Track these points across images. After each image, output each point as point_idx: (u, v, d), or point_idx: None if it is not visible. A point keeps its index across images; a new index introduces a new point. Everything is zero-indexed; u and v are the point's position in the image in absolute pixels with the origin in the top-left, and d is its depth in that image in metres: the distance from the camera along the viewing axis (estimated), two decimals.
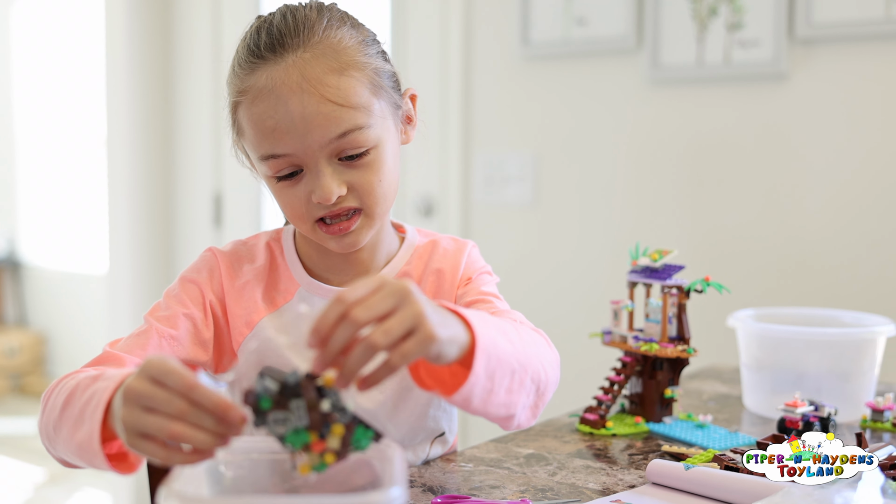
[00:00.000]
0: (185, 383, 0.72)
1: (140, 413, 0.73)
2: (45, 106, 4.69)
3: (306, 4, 1.06)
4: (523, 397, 0.90)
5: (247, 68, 1.02)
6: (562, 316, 2.44)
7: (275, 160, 1.01)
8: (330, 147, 1.00)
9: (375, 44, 1.07)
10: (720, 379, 1.68)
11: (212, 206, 3.20)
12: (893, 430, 1.33)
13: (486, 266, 1.19)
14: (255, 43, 1.01)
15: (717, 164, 2.24)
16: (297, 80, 0.98)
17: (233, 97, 1.04)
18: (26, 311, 4.88)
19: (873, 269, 2.06)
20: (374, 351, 0.73)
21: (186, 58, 3.25)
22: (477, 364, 0.81)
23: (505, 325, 0.91)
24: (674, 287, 1.33)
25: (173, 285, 1.11)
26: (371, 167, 1.03)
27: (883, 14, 1.99)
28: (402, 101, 1.09)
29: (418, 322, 0.74)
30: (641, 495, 1.02)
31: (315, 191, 1.01)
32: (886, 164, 2.04)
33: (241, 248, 1.15)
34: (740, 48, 2.16)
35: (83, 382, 0.89)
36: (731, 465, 1.06)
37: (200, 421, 0.71)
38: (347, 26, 1.04)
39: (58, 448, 0.93)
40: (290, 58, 0.99)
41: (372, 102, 1.02)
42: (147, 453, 0.74)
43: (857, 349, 1.38)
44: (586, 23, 2.37)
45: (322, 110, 0.98)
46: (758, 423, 1.37)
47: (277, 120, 0.99)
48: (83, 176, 4.50)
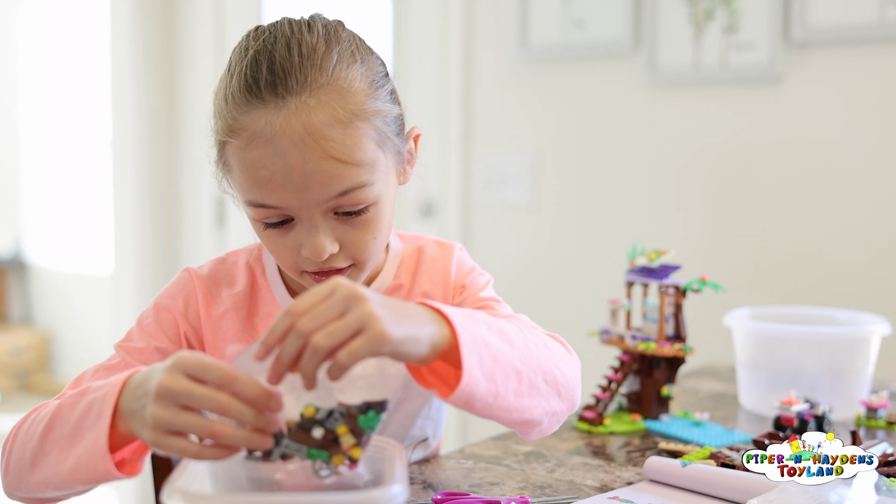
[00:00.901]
0: (227, 375, 0.71)
1: (176, 411, 0.71)
2: (50, 108, 4.69)
3: (311, 27, 0.92)
4: (540, 401, 0.86)
5: (242, 105, 0.89)
6: (560, 315, 2.44)
7: (264, 209, 0.91)
8: (328, 204, 0.90)
9: (385, 81, 0.95)
10: (716, 377, 1.67)
11: (215, 207, 3.20)
12: (887, 427, 1.33)
13: (476, 266, 1.13)
14: (253, 76, 0.88)
15: (713, 165, 2.24)
16: (300, 131, 0.87)
17: (222, 134, 0.91)
18: (32, 311, 4.88)
19: (868, 269, 2.05)
20: (320, 354, 0.70)
21: (190, 60, 3.25)
22: (467, 362, 0.77)
23: (504, 325, 0.86)
24: (671, 286, 1.33)
25: (147, 311, 1.03)
26: (367, 225, 0.93)
27: (877, 18, 1.99)
28: (405, 146, 0.99)
29: (366, 322, 0.71)
30: (639, 492, 1.02)
31: (306, 246, 0.92)
32: (881, 165, 2.04)
33: (220, 270, 1.06)
34: (736, 51, 2.16)
35: (67, 402, 0.84)
36: (728, 462, 1.05)
37: (242, 415, 0.70)
38: (357, 63, 0.92)
39: (33, 482, 0.86)
40: (292, 103, 0.87)
41: (377, 157, 0.92)
42: (175, 450, 0.72)
43: (851, 348, 1.38)
44: (584, 26, 2.37)
45: (324, 167, 0.88)
46: (754, 421, 1.37)
47: (273, 172, 0.88)
48: (88, 178, 4.50)
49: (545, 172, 2.49)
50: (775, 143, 2.16)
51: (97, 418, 0.79)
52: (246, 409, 0.71)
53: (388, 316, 0.73)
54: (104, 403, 0.79)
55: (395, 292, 1.07)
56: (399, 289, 1.07)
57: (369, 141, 0.91)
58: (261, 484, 0.83)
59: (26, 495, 0.88)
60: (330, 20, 0.95)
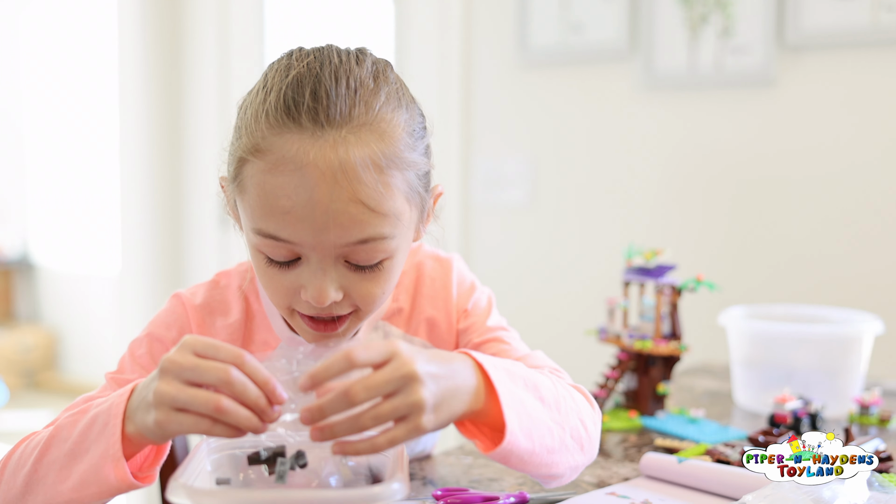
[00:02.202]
0: (237, 354, 0.70)
1: (181, 386, 0.69)
2: (56, 109, 4.69)
3: (360, 61, 0.85)
4: (567, 457, 0.84)
5: (275, 126, 0.81)
6: (558, 314, 2.44)
7: (273, 242, 0.82)
8: (343, 249, 0.82)
9: (423, 133, 0.89)
10: (712, 375, 1.67)
11: (219, 208, 3.20)
12: (880, 424, 1.33)
13: (474, 282, 1.07)
14: (293, 98, 0.80)
15: (708, 166, 2.24)
16: (333, 166, 0.79)
17: (244, 152, 0.83)
18: (40, 310, 4.88)
19: (861, 268, 2.05)
20: (361, 430, 0.70)
21: (195, 63, 3.25)
22: (509, 422, 0.76)
23: (538, 380, 0.83)
24: (667, 286, 1.33)
25: (140, 340, 0.97)
26: (377, 279, 0.86)
27: (869, 22, 1.99)
28: (428, 202, 0.91)
29: (412, 411, 0.70)
30: (636, 487, 1.02)
31: (309, 289, 0.84)
32: (874, 167, 2.04)
33: (214, 297, 0.99)
34: (731, 55, 2.16)
35: (65, 423, 0.81)
36: (723, 458, 1.05)
37: (246, 395, 0.69)
38: (402, 109, 0.85)
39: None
40: (331, 135, 0.79)
41: (403, 210, 0.84)
42: (179, 428, 0.70)
43: (844, 346, 1.38)
44: (582, 30, 2.37)
45: (349, 209, 0.80)
46: (748, 418, 1.37)
47: (295, 203, 0.79)
48: (94, 179, 4.50)
49: (544, 173, 2.49)
50: (769, 145, 2.16)
51: (104, 427, 0.77)
52: (251, 385, 0.70)
53: (435, 397, 0.72)
54: (111, 413, 0.77)
55: (394, 317, 1.03)
56: (399, 313, 1.03)
57: (400, 192, 0.83)
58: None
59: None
60: (378, 57, 0.89)
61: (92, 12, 4.36)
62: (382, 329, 1.02)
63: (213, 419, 0.69)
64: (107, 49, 3.93)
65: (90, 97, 4.46)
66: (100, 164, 4.43)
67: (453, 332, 1.03)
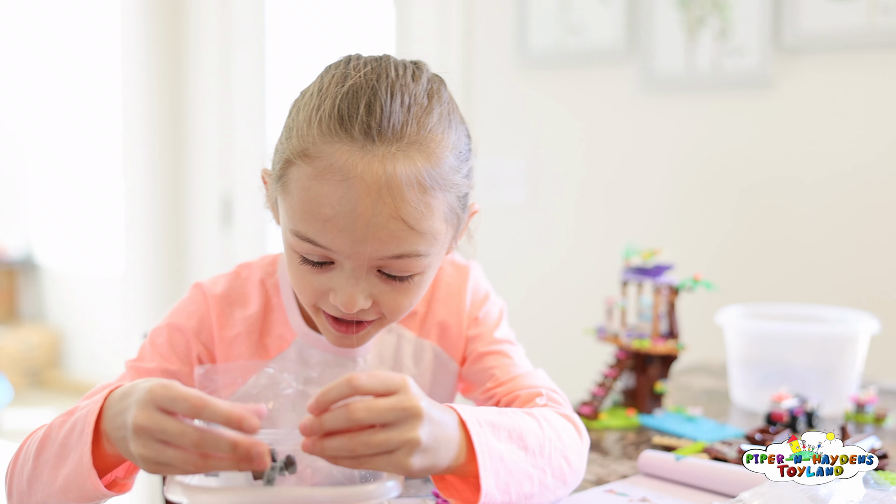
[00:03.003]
0: (194, 406, 0.68)
1: (158, 447, 0.69)
2: (59, 110, 4.69)
3: (416, 76, 0.86)
4: (547, 495, 0.84)
5: (326, 134, 0.81)
6: (557, 313, 2.44)
7: (310, 245, 0.83)
8: (377, 262, 0.83)
9: (469, 156, 0.89)
10: (709, 373, 1.67)
11: (222, 208, 3.19)
12: (875, 422, 1.33)
13: (489, 293, 1.08)
14: (347, 110, 0.81)
15: (705, 167, 2.24)
16: (379, 181, 0.79)
17: (292, 154, 0.83)
18: (43, 310, 4.88)
19: (857, 268, 2.05)
20: (350, 454, 0.70)
21: (197, 65, 3.24)
22: (484, 483, 0.76)
23: (524, 427, 0.83)
24: (664, 285, 1.33)
25: (160, 329, 0.97)
26: (407, 291, 0.87)
27: (865, 24, 1.99)
28: (464, 221, 0.91)
29: (405, 447, 0.70)
30: (634, 485, 1.02)
31: (339, 294, 0.84)
32: (869, 167, 2.04)
33: (234, 288, 1.00)
34: (728, 57, 2.16)
35: (56, 423, 0.82)
36: (720, 456, 1.05)
37: (218, 448, 0.68)
38: (452, 130, 0.86)
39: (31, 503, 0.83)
40: (380, 150, 0.80)
41: (440, 230, 0.85)
42: (174, 473, 0.70)
43: (840, 345, 1.38)
44: (581, 32, 2.37)
45: (390, 226, 0.80)
46: (745, 416, 1.37)
47: (337, 213, 0.80)
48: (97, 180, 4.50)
49: (542, 174, 2.49)
50: (766, 146, 2.16)
51: (80, 436, 0.77)
52: (220, 439, 0.68)
53: (429, 440, 0.72)
54: (86, 421, 0.77)
55: (408, 320, 1.03)
56: (413, 316, 1.03)
57: (440, 213, 0.84)
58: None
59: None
60: (434, 74, 0.90)
61: (95, 14, 4.36)
62: (396, 332, 1.02)
63: (199, 465, 0.70)
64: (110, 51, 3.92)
65: (93, 99, 4.46)
66: (103, 165, 4.42)
67: (462, 338, 1.03)
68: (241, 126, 3.13)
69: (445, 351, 1.03)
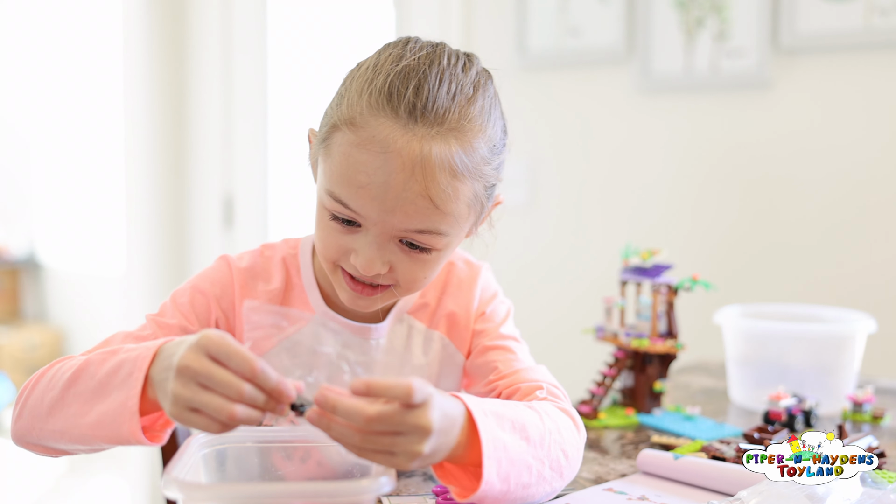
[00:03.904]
0: (250, 368, 0.71)
1: (196, 389, 0.71)
2: (61, 111, 4.69)
3: (467, 68, 0.92)
4: (544, 486, 0.86)
5: (374, 106, 0.86)
6: (556, 312, 2.44)
7: (342, 207, 0.88)
8: (400, 233, 0.88)
9: (503, 150, 0.95)
10: (707, 373, 1.68)
11: (222, 209, 3.20)
12: (872, 421, 1.33)
13: (498, 292, 1.12)
14: (397, 89, 0.86)
15: (703, 168, 2.24)
16: (414, 159, 0.84)
17: (339, 119, 0.88)
18: (46, 309, 4.88)
19: (854, 268, 2.05)
20: (350, 443, 0.72)
21: (199, 64, 3.24)
22: (487, 472, 0.78)
23: (527, 419, 0.85)
24: (663, 285, 1.33)
25: (183, 289, 1.01)
26: (425, 264, 0.92)
27: (862, 25, 1.99)
28: (486, 209, 0.97)
29: (405, 455, 0.72)
30: (632, 483, 1.02)
31: (360, 256, 0.89)
32: (866, 168, 2.04)
33: (258, 263, 1.03)
34: (726, 58, 2.16)
35: (95, 359, 0.84)
36: (718, 454, 1.05)
37: (257, 402, 0.71)
38: (491, 122, 0.91)
39: (47, 430, 0.85)
40: (420, 130, 0.85)
41: (463, 215, 0.90)
42: (194, 425, 0.72)
43: (838, 344, 1.38)
44: (580, 33, 2.37)
45: (417, 203, 0.86)
46: (743, 415, 1.37)
47: (371, 182, 0.85)
48: (99, 180, 4.50)
49: (542, 175, 2.49)
50: (764, 147, 2.16)
51: (127, 378, 0.78)
52: (260, 396, 0.71)
53: (430, 450, 0.74)
54: (136, 366, 0.78)
55: (419, 311, 1.06)
56: (424, 308, 1.06)
57: (465, 198, 0.89)
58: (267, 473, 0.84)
59: (37, 442, 0.87)
60: (483, 68, 0.96)
61: (96, 13, 4.36)
62: (407, 322, 1.05)
63: (224, 423, 0.71)
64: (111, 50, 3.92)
65: (95, 98, 4.46)
66: (105, 165, 4.43)
67: (469, 332, 1.06)
68: (242, 127, 3.13)
69: (453, 342, 1.06)
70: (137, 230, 3.27)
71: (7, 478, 3.55)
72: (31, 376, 0.90)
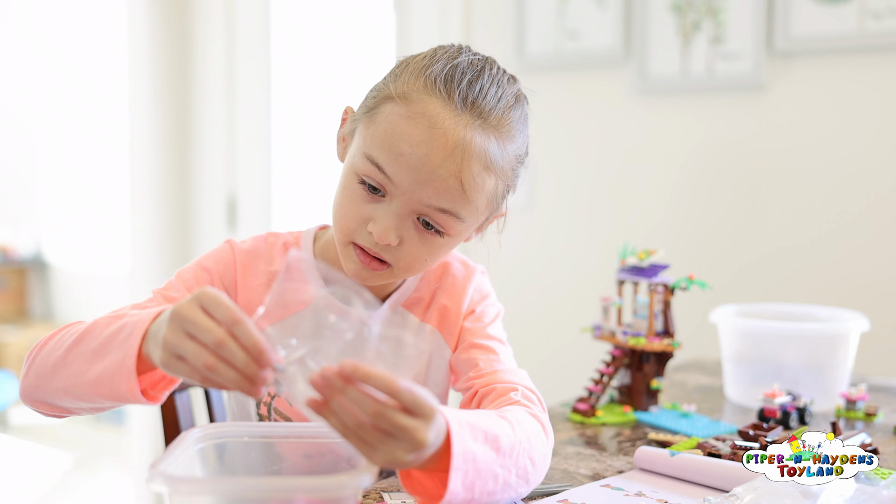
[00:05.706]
0: (231, 317, 0.72)
1: (181, 336, 0.73)
2: (67, 110, 4.69)
3: (512, 81, 1.00)
4: (509, 493, 0.87)
5: (430, 87, 0.92)
6: (554, 312, 2.44)
7: (376, 171, 0.92)
8: (423, 208, 0.93)
9: (525, 160, 1.03)
10: (703, 371, 1.67)
11: (226, 209, 3.19)
12: (866, 419, 1.33)
13: (490, 294, 1.14)
14: (454, 77, 0.93)
15: (699, 169, 2.24)
16: (456, 140, 0.90)
17: (394, 91, 0.94)
18: (52, 308, 4.88)
19: (848, 268, 2.05)
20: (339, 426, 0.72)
21: (204, 64, 3.24)
22: (452, 483, 0.78)
23: (500, 430, 0.86)
24: (660, 285, 1.33)
25: (189, 268, 1.04)
26: (431, 246, 0.96)
27: (856, 29, 1.98)
28: (497, 213, 1.03)
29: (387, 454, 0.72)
30: (629, 480, 1.02)
31: (378, 223, 0.93)
32: (860, 169, 2.04)
33: (260, 247, 1.07)
34: (722, 61, 2.16)
35: (101, 322, 0.86)
36: (714, 451, 1.05)
37: (233, 357, 0.71)
38: (522, 134, 1.00)
39: (52, 388, 0.87)
40: (466, 117, 0.92)
41: (479, 208, 0.96)
42: (180, 374, 0.74)
43: (832, 343, 1.38)
44: (577, 37, 2.37)
45: (448, 182, 0.91)
46: (739, 413, 1.37)
47: (412, 151, 0.90)
48: (105, 180, 4.50)
49: (540, 175, 2.49)
50: (759, 149, 2.16)
51: (127, 339, 0.81)
52: (238, 352, 0.71)
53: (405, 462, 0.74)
54: (136, 328, 0.81)
55: (414, 305, 1.08)
56: (419, 302, 1.09)
57: (488, 192, 0.95)
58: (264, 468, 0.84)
59: (42, 399, 0.89)
60: (523, 88, 1.04)
61: (101, 13, 4.35)
62: (401, 314, 1.08)
63: (204, 375, 0.72)
64: (116, 50, 3.93)
65: (100, 98, 4.46)
66: (110, 165, 4.43)
67: (458, 327, 1.09)
68: (246, 128, 3.13)
69: (442, 335, 1.09)
70: (142, 230, 3.27)
71: (13, 475, 3.55)
72: (42, 338, 0.92)
